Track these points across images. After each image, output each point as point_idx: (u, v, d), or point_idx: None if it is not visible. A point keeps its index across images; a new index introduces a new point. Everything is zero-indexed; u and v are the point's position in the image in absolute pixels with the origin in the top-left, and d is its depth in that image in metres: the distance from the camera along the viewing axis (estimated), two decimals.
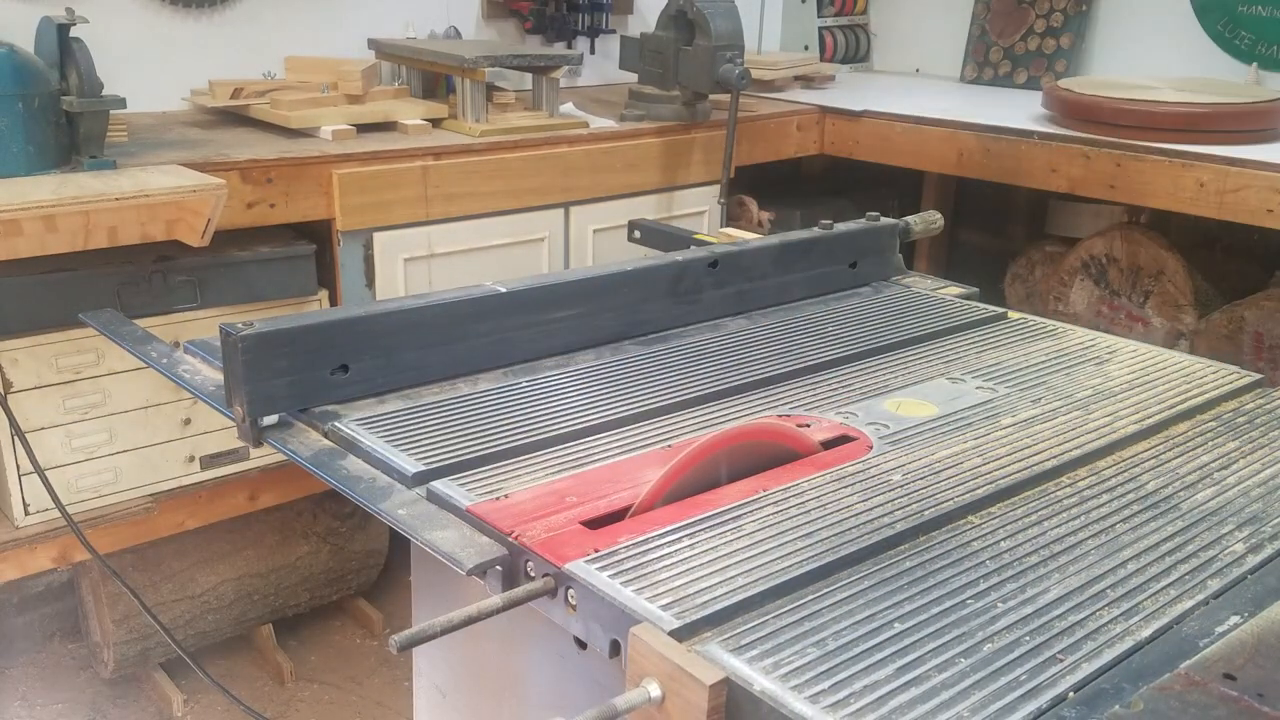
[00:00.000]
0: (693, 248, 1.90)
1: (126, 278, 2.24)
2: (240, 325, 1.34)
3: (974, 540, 1.13)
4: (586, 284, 1.65)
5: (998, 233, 4.03)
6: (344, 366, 1.42)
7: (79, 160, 2.15)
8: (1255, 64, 3.44)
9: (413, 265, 2.57)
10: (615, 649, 0.99)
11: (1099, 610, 1.01)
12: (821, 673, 0.90)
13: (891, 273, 2.06)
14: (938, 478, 1.25)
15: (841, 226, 1.97)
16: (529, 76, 3.01)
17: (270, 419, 1.38)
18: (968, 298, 1.97)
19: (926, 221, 2.12)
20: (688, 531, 1.11)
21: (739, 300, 1.84)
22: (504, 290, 1.56)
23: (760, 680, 0.89)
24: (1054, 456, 1.31)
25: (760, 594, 1.01)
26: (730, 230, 2.30)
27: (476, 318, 1.53)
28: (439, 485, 1.21)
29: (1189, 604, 1.03)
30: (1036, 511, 1.19)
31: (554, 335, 1.62)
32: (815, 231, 1.94)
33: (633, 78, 3.15)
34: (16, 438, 2.12)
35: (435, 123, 2.77)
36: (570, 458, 1.29)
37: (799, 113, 3.43)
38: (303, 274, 2.47)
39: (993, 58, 4.04)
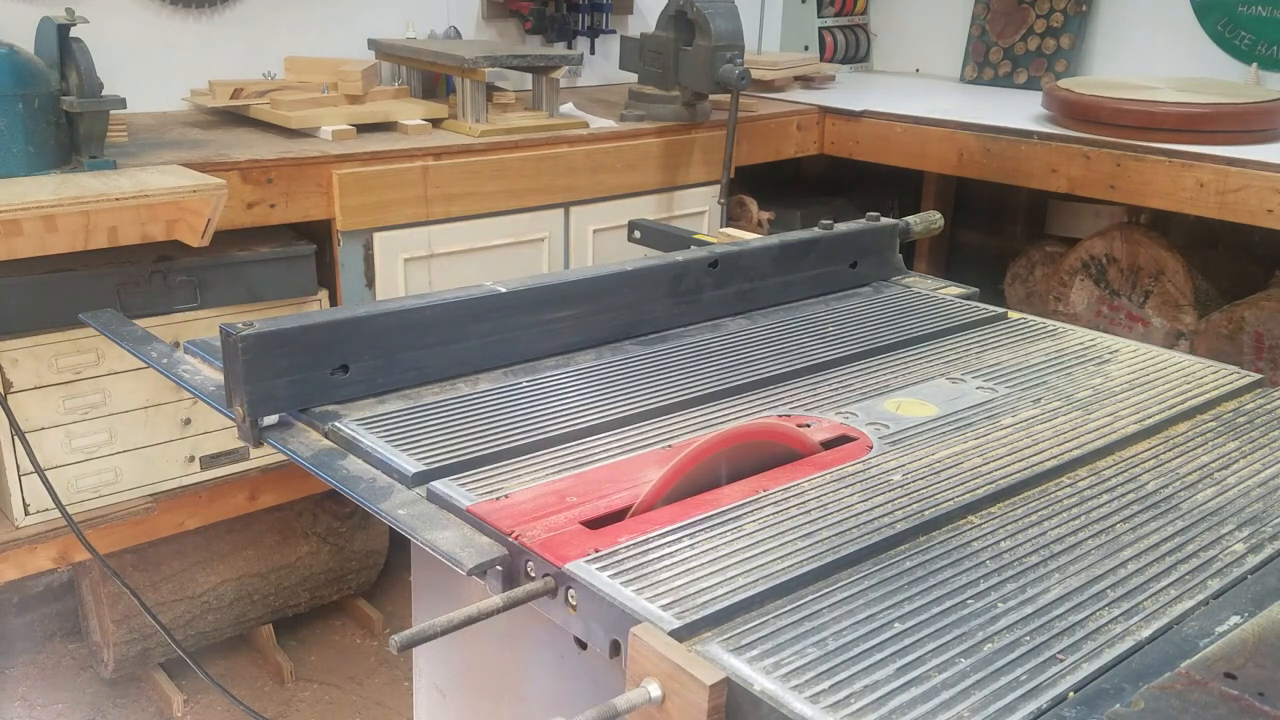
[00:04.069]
0: (693, 248, 1.90)
1: (126, 278, 2.24)
2: (240, 325, 1.34)
3: (974, 540, 1.13)
4: (586, 284, 1.65)
5: (998, 233, 4.03)
6: (344, 366, 1.42)
7: (79, 160, 2.15)
8: (1255, 64, 3.44)
9: (413, 265, 2.57)
10: (615, 649, 0.99)
11: (1099, 610, 1.01)
12: (822, 673, 0.90)
13: (891, 273, 2.06)
14: (938, 478, 1.25)
15: (841, 226, 1.97)
16: (529, 77, 3.01)
17: (270, 419, 1.39)
18: (968, 298, 1.97)
19: (926, 221, 2.12)
20: (688, 531, 1.11)
21: (739, 300, 1.84)
22: (504, 290, 1.56)
23: (760, 680, 0.89)
24: (1054, 456, 1.31)
25: (760, 594, 1.01)
26: (730, 230, 2.30)
27: (476, 318, 1.53)
28: (439, 485, 1.21)
29: (1189, 604, 1.03)
30: (1037, 511, 1.19)
31: (554, 335, 1.62)
32: (815, 231, 1.94)
33: (633, 78, 3.15)
34: (16, 438, 2.12)
35: (435, 123, 2.77)
36: (570, 458, 1.29)
37: (799, 113, 3.43)
38: (303, 274, 2.47)
39: (993, 58, 4.04)
